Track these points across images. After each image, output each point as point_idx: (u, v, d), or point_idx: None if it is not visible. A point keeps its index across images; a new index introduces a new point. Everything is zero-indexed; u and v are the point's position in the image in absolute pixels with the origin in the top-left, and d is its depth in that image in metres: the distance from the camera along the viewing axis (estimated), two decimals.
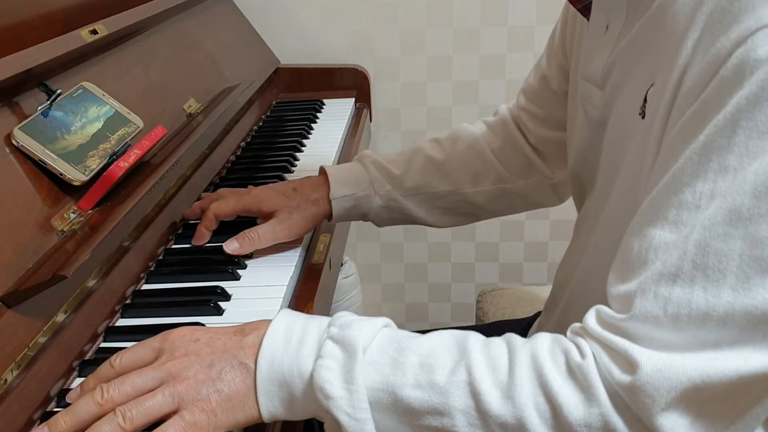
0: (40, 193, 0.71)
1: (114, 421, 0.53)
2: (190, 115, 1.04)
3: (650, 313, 0.49)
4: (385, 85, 1.61)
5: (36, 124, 0.73)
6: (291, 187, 0.88)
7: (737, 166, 0.46)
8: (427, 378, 0.52)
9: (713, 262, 0.47)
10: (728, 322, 0.47)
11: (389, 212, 0.92)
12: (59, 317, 0.66)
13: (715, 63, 0.48)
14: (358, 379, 0.52)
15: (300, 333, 0.56)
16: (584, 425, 0.49)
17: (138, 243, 0.81)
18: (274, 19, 1.57)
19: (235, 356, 0.56)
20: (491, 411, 0.51)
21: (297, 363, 0.54)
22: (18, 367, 0.59)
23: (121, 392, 0.55)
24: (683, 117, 0.50)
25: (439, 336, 0.56)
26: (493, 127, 0.96)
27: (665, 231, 0.49)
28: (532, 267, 1.77)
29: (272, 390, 0.55)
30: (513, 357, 0.52)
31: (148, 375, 0.56)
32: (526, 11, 1.54)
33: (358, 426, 0.53)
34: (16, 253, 0.64)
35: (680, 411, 0.48)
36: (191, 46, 1.19)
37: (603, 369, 0.50)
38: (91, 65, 0.89)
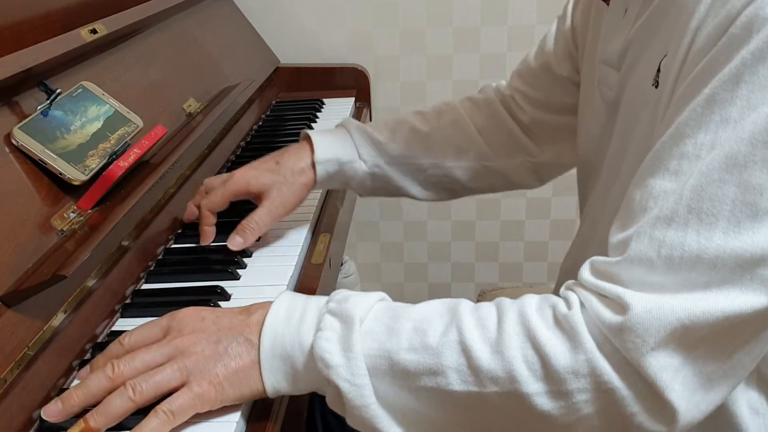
0: (40, 192, 0.70)
1: (125, 395, 0.55)
2: (189, 114, 1.04)
3: (644, 255, 0.50)
4: (385, 85, 1.61)
5: (35, 124, 0.73)
6: (274, 160, 0.86)
7: (738, 117, 0.48)
8: (421, 341, 0.54)
9: (707, 207, 0.49)
10: (718, 264, 0.48)
11: (373, 180, 0.91)
12: (59, 317, 0.66)
13: (726, 22, 0.50)
14: (356, 347, 0.55)
15: (301, 310, 0.58)
16: (571, 372, 0.51)
17: (138, 242, 0.81)
18: (274, 19, 1.57)
19: (240, 333, 0.58)
20: (482, 366, 0.52)
21: (298, 337, 0.57)
22: (18, 367, 0.59)
23: (131, 367, 0.57)
24: (691, 74, 0.52)
25: (432, 304, 0.58)
26: (478, 105, 0.96)
27: (665, 180, 0.51)
28: (532, 266, 1.77)
29: (275, 365, 0.57)
30: (501, 315, 0.54)
31: (156, 351, 0.58)
32: (527, 11, 1.54)
33: (358, 391, 0.54)
34: (15, 252, 0.64)
35: (669, 352, 0.49)
36: (191, 45, 1.19)
37: (592, 315, 0.51)
38: (91, 65, 0.89)
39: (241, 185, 0.84)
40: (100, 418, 0.55)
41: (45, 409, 0.57)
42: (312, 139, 0.88)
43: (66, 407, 0.56)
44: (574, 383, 0.51)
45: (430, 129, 0.93)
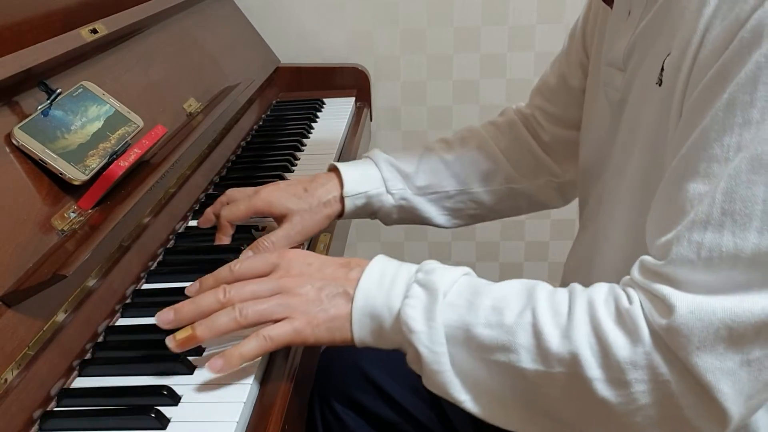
0: (40, 192, 0.70)
1: (232, 314, 0.62)
2: (190, 114, 1.04)
3: (685, 257, 0.53)
4: (385, 85, 1.61)
5: (36, 124, 0.73)
6: (302, 188, 0.87)
7: (759, 118, 0.50)
8: (498, 319, 0.58)
9: (739, 208, 0.51)
10: (756, 263, 0.50)
11: (400, 211, 0.93)
12: (59, 316, 0.66)
13: (735, 26, 0.52)
14: (438, 318, 0.59)
15: (392, 275, 0.64)
16: (630, 363, 0.54)
17: (138, 242, 0.81)
18: (274, 19, 1.57)
19: (341, 285, 0.64)
20: (551, 348, 0.56)
21: (388, 301, 0.62)
22: (18, 367, 0.59)
23: (240, 294, 0.64)
24: (705, 78, 0.54)
25: (512, 283, 0.62)
26: (500, 128, 0.97)
27: (698, 183, 0.53)
28: (532, 266, 1.76)
29: (365, 321, 0.63)
30: (572, 303, 0.58)
31: (265, 285, 0.65)
32: (527, 10, 1.54)
33: (435, 357, 0.59)
34: (16, 252, 0.64)
35: (717, 353, 0.51)
36: (191, 45, 1.19)
37: (647, 313, 0.54)
38: (91, 64, 0.89)
39: (265, 204, 0.85)
40: (206, 330, 0.62)
41: (159, 315, 0.64)
42: (341, 172, 0.89)
43: (178, 318, 0.64)
44: (633, 374, 0.54)
45: (455, 156, 0.94)
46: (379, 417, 0.91)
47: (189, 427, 0.58)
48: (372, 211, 0.92)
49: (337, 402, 0.93)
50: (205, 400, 0.61)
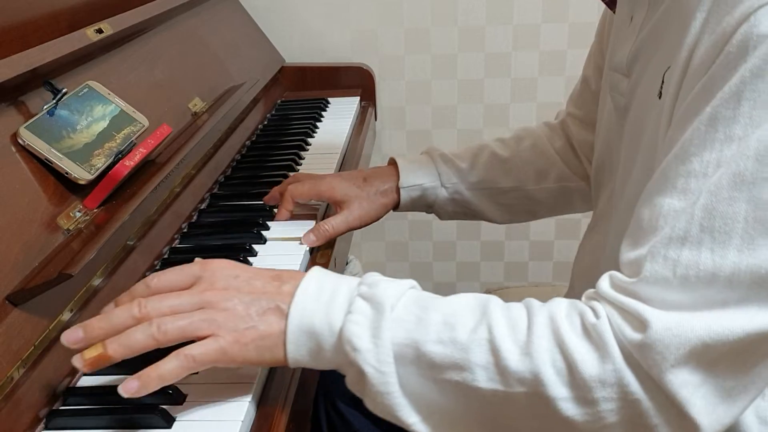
0: (46, 191, 0.71)
1: (148, 331, 0.55)
2: (195, 113, 1.04)
3: (660, 275, 0.51)
4: (390, 84, 1.61)
5: (41, 123, 0.73)
6: (362, 177, 0.93)
7: (742, 135, 0.49)
8: (450, 335, 0.55)
9: (719, 225, 0.49)
10: (734, 282, 0.49)
11: (454, 205, 0.96)
12: (65, 316, 0.66)
13: (722, 40, 0.50)
14: (385, 334, 0.55)
15: (331, 290, 0.58)
16: (598, 381, 0.51)
17: (143, 242, 0.81)
18: (279, 18, 1.57)
19: (273, 299, 0.58)
20: (510, 367, 0.53)
21: (327, 317, 0.57)
22: (24, 365, 0.60)
23: (158, 309, 0.57)
24: (692, 92, 0.53)
25: (463, 297, 0.59)
26: (554, 129, 0.99)
27: (674, 199, 0.52)
28: (537, 266, 1.76)
29: (301, 340, 0.57)
30: (531, 317, 0.54)
31: (186, 299, 0.58)
32: (532, 10, 1.54)
33: (382, 378, 0.55)
34: (22, 251, 0.64)
35: (689, 369, 0.50)
36: (196, 44, 1.19)
37: (616, 328, 0.52)
38: (97, 64, 0.89)
39: (328, 189, 0.90)
40: (119, 347, 0.55)
41: (65, 334, 0.56)
42: (398, 164, 0.94)
43: (87, 336, 0.56)
44: (600, 392, 0.51)
45: (510, 154, 0.97)
46: None
47: (194, 425, 0.58)
48: (428, 204, 0.96)
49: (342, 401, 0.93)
50: (210, 399, 0.61)
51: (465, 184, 0.95)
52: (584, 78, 0.93)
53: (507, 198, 0.96)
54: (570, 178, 0.96)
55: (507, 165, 0.96)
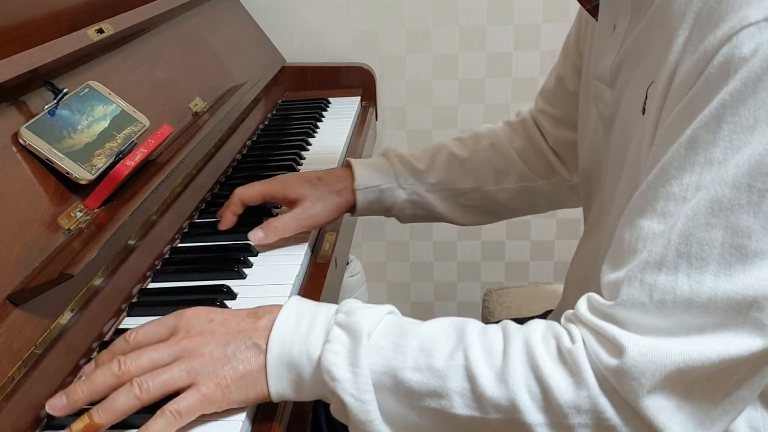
0: (47, 191, 0.71)
1: (131, 392, 0.56)
2: (195, 113, 1.04)
3: (636, 299, 0.51)
4: (390, 84, 1.61)
5: (42, 123, 0.73)
6: (316, 176, 0.90)
7: (722, 159, 0.48)
8: (427, 362, 0.55)
9: (696, 251, 0.49)
10: (711, 308, 0.48)
11: (413, 207, 0.93)
12: (66, 315, 0.66)
13: (703, 61, 0.50)
14: (363, 363, 0.55)
15: (309, 319, 0.59)
16: (573, 407, 0.51)
17: (144, 242, 0.81)
18: (280, 18, 1.57)
19: (249, 337, 0.58)
20: (486, 393, 0.53)
21: (306, 347, 0.57)
22: (25, 366, 0.60)
23: (137, 365, 0.57)
24: (673, 112, 0.52)
25: (440, 322, 0.58)
26: (515, 127, 0.97)
27: (653, 222, 0.51)
28: (538, 266, 1.76)
29: (282, 372, 0.57)
30: (507, 342, 0.54)
31: (164, 351, 0.58)
32: (533, 9, 1.53)
33: (362, 407, 0.55)
34: (22, 251, 0.64)
35: (665, 394, 0.50)
36: (197, 44, 1.19)
37: (591, 353, 0.52)
38: (98, 64, 0.89)
39: (280, 188, 0.87)
40: (104, 414, 0.55)
41: (49, 402, 0.57)
42: (353, 166, 0.91)
43: (70, 402, 0.57)
44: (575, 418, 0.51)
45: (469, 154, 0.94)
46: None
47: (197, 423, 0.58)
48: (385, 207, 0.93)
49: None
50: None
51: (423, 186, 0.92)
52: (559, 77, 0.91)
53: (467, 199, 0.94)
54: (530, 179, 0.94)
55: (466, 165, 0.93)
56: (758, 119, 0.47)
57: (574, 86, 0.88)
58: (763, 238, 0.48)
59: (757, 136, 0.47)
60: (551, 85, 0.93)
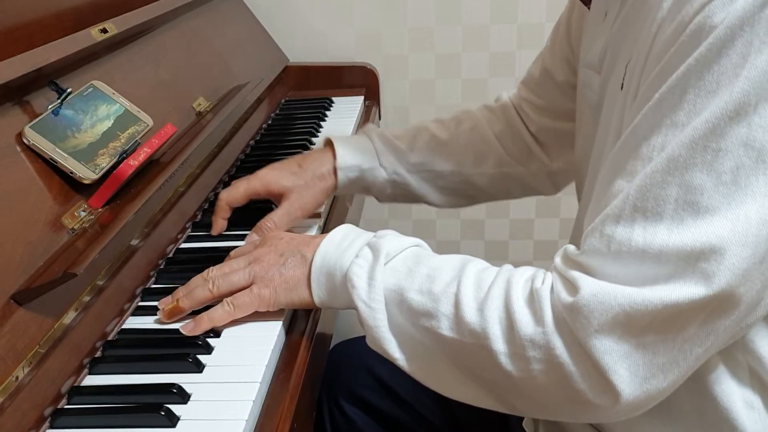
0: (51, 191, 0.71)
1: (206, 286, 0.70)
2: (199, 113, 1.04)
3: (597, 249, 0.55)
4: (393, 83, 1.61)
5: (46, 123, 0.73)
6: (296, 164, 0.89)
7: (685, 122, 0.51)
8: (428, 286, 0.62)
9: (652, 206, 0.52)
10: (662, 258, 0.51)
11: (393, 187, 0.94)
12: (69, 315, 0.66)
13: (679, 29, 0.52)
14: (378, 277, 0.64)
15: (351, 239, 0.68)
16: (530, 341, 0.56)
17: (148, 241, 0.81)
18: (283, 18, 1.57)
19: (300, 250, 0.70)
20: (465, 318, 0.59)
21: (341, 260, 0.66)
22: (29, 364, 0.60)
23: (220, 270, 0.71)
24: (648, 79, 0.55)
25: (452, 257, 0.65)
26: (495, 112, 0.98)
27: (623, 180, 0.55)
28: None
29: (321, 279, 0.67)
30: (495, 279, 0.60)
31: (240, 260, 0.71)
32: (536, 8, 1.53)
33: (371, 313, 0.63)
34: (26, 250, 0.64)
35: (615, 338, 0.53)
36: (200, 44, 1.19)
37: (555, 294, 0.56)
38: (101, 64, 0.89)
39: (262, 185, 0.87)
40: (186, 300, 0.69)
41: (162, 301, 0.71)
42: (334, 145, 0.90)
43: (174, 298, 0.70)
44: (531, 351, 0.56)
45: (449, 136, 0.94)
46: (387, 415, 0.92)
47: (198, 425, 0.58)
48: (365, 186, 0.93)
49: (346, 401, 0.93)
50: (214, 398, 0.61)
51: (404, 166, 0.93)
52: (545, 69, 0.91)
53: (445, 181, 0.95)
54: (508, 164, 0.95)
55: (446, 148, 0.94)
56: (720, 84, 0.49)
57: (565, 77, 0.88)
58: (714, 195, 0.50)
59: (717, 100, 0.50)
60: (536, 76, 0.94)
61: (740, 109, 0.49)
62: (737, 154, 0.49)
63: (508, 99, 0.98)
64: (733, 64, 0.49)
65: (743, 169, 0.49)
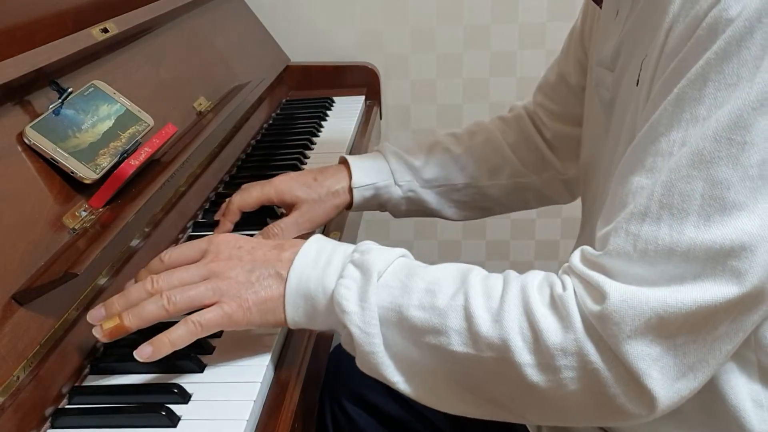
0: (52, 191, 0.71)
1: (160, 302, 0.61)
2: (200, 113, 1.04)
3: (622, 249, 0.53)
4: (395, 83, 1.61)
5: (47, 123, 0.73)
6: (312, 177, 0.90)
7: (706, 115, 0.51)
8: (430, 301, 0.58)
9: (678, 202, 0.51)
10: (690, 257, 0.51)
11: (408, 203, 0.94)
12: (71, 315, 0.66)
13: (694, 24, 0.52)
14: (371, 298, 0.59)
15: (327, 255, 0.63)
16: (560, 350, 0.54)
17: (148, 241, 0.81)
18: (284, 17, 1.57)
19: (273, 266, 0.63)
20: (481, 332, 0.56)
21: (322, 281, 0.61)
22: (30, 365, 0.60)
23: (168, 283, 0.62)
24: (664, 74, 0.55)
25: (447, 267, 0.62)
26: (508, 123, 0.98)
27: (642, 177, 0.54)
28: (543, 265, 1.76)
29: (298, 302, 0.62)
30: (506, 287, 0.58)
31: (193, 271, 0.63)
32: (537, 8, 1.53)
33: (368, 339, 0.59)
34: (27, 250, 0.64)
35: (647, 342, 0.52)
36: (201, 44, 1.19)
37: (579, 300, 0.55)
38: (102, 64, 0.89)
39: (276, 193, 0.87)
40: (133, 318, 0.61)
41: (90, 313, 0.62)
42: (350, 163, 0.91)
43: (108, 312, 0.62)
44: (562, 360, 0.54)
45: (463, 150, 0.95)
46: (389, 415, 0.91)
47: (199, 425, 0.58)
48: (381, 203, 0.93)
49: (347, 400, 0.93)
50: (215, 398, 0.61)
51: (419, 182, 0.93)
52: (560, 74, 0.92)
53: (460, 195, 0.95)
54: (523, 174, 0.95)
55: (460, 161, 0.94)
56: (741, 77, 0.49)
57: (577, 81, 0.88)
58: (741, 190, 0.50)
59: (738, 92, 0.49)
60: (551, 81, 0.94)
61: (764, 100, 0.49)
62: (763, 146, 0.49)
63: (521, 107, 0.99)
64: (753, 56, 0.49)
65: None
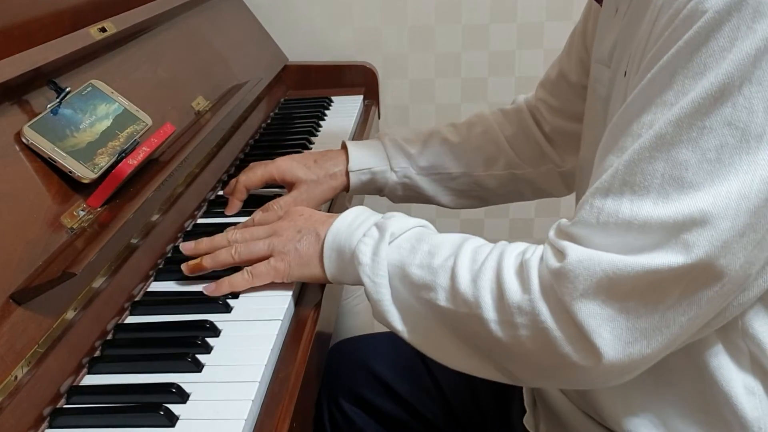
0: (50, 190, 0.71)
1: (229, 252, 0.76)
2: (198, 112, 1.04)
3: (586, 220, 0.57)
4: (393, 82, 1.61)
5: (45, 122, 0.73)
6: (312, 159, 0.96)
7: (673, 101, 0.53)
8: (428, 261, 0.66)
9: (639, 180, 0.55)
10: (647, 229, 0.54)
11: (404, 189, 0.98)
12: (69, 314, 0.66)
13: (674, 15, 0.55)
14: (382, 254, 0.68)
15: (362, 219, 0.72)
16: (517, 308, 0.59)
17: (147, 240, 0.81)
18: (283, 17, 1.57)
19: (315, 228, 0.75)
20: (460, 290, 0.63)
21: (350, 238, 0.71)
22: (28, 364, 0.60)
23: (241, 236, 0.77)
24: (643, 62, 0.58)
25: (452, 235, 0.69)
26: (508, 115, 1.00)
27: (613, 155, 0.57)
28: None
29: (332, 256, 0.72)
30: (489, 253, 0.64)
31: (262, 230, 0.77)
32: (536, 8, 1.53)
33: (376, 288, 0.68)
34: (25, 250, 0.64)
35: (599, 302, 0.55)
36: (199, 43, 1.19)
37: (543, 262, 0.59)
38: (100, 63, 0.89)
39: (278, 172, 0.94)
40: (210, 261, 0.76)
41: (183, 244, 0.79)
42: (348, 148, 0.97)
43: (195, 248, 0.78)
44: (519, 318, 0.59)
45: (461, 139, 0.98)
46: (387, 414, 0.92)
47: (197, 424, 0.58)
48: (378, 188, 0.98)
49: (345, 400, 0.93)
50: (213, 397, 0.61)
51: (414, 169, 0.97)
52: (561, 71, 0.94)
53: (456, 183, 0.98)
54: (518, 166, 0.98)
55: (456, 150, 0.97)
56: (707, 66, 0.52)
57: (579, 79, 0.90)
58: (699, 172, 0.52)
59: (703, 81, 0.52)
60: (553, 77, 0.96)
61: (725, 90, 0.51)
62: (721, 132, 0.52)
63: (523, 101, 1.01)
64: (720, 48, 0.51)
65: (727, 147, 0.51)
